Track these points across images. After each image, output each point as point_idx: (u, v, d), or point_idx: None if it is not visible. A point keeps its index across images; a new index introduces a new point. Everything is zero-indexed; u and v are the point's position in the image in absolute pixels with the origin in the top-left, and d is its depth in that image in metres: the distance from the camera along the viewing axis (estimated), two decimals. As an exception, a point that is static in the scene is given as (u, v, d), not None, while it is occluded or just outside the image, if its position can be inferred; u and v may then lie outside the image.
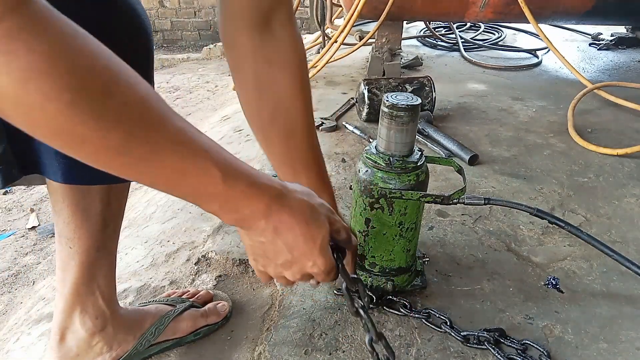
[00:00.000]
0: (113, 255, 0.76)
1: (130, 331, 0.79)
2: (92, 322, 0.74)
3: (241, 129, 2.01)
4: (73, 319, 0.73)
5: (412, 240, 0.93)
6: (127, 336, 0.79)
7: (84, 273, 0.71)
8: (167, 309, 0.86)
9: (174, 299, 0.91)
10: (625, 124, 1.93)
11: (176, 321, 0.84)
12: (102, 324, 0.75)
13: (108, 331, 0.76)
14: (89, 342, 0.75)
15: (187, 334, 0.85)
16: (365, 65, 2.76)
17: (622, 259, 0.91)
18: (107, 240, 0.72)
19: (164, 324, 0.83)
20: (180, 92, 4.34)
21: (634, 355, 0.84)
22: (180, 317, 0.85)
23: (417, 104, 0.82)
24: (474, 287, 1.00)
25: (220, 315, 0.89)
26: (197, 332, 0.86)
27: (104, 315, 0.75)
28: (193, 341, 0.86)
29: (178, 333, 0.84)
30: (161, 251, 1.15)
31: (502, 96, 2.28)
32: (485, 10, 2.27)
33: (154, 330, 0.81)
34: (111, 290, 0.76)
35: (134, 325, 0.80)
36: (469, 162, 1.54)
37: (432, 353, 0.84)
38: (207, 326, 0.87)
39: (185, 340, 0.85)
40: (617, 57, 3.09)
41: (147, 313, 0.84)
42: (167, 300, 0.90)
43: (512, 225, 1.22)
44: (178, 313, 0.85)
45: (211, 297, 0.94)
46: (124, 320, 0.79)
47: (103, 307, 0.74)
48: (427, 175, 0.88)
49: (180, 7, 7.38)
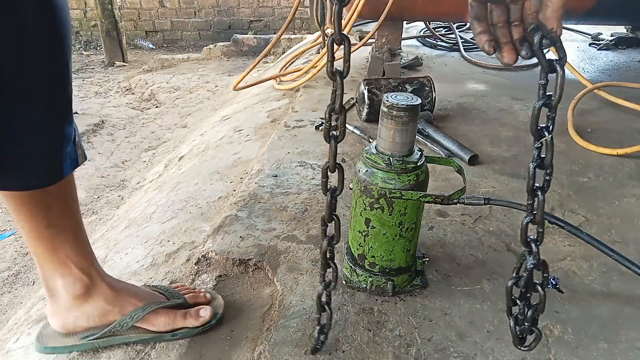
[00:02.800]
0: (73, 229, 0.80)
1: (114, 303, 0.84)
2: (71, 287, 0.81)
3: (241, 129, 2.01)
4: (56, 283, 0.81)
5: (412, 240, 0.93)
6: (111, 307, 0.84)
7: (46, 247, 0.78)
8: (159, 298, 0.89)
9: (171, 292, 0.92)
10: (625, 124, 1.93)
11: (156, 313, 0.86)
12: (82, 289, 0.82)
13: (92, 297, 0.83)
14: (74, 303, 0.82)
15: (164, 331, 0.87)
16: (365, 65, 2.76)
17: (622, 259, 0.92)
18: (56, 219, 0.77)
19: (146, 309, 0.85)
20: (180, 92, 4.33)
21: (634, 355, 0.84)
22: (160, 311, 0.87)
23: (417, 104, 0.82)
24: (474, 287, 1.00)
25: (199, 321, 0.88)
26: (175, 332, 0.87)
27: (82, 281, 0.81)
28: (172, 339, 0.87)
29: (155, 326, 0.86)
30: (161, 251, 1.16)
31: (502, 96, 2.28)
32: (485, 10, 2.27)
33: (136, 314, 0.84)
34: (84, 260, 0.82)
35: (120, 300, 0.85)
36: (469, 162, 1.54)
37: (432, 353, 0.84)
38: (184, 328, 0.87)
39: (164, 337, 0.87)
40: (617, 57, 3.09)
41: (135, 294, 0.87)
42: (164, 290, 0.92)
43: (512, 225, 1.22)
44: (163, 306, 0.87)
45: (207, 301, 0.93)
46: (110, 291, 0.84)
47: (79, 275, 0.81)
48: (427, 175, 0.88)
49: (180, 7, 7.37)
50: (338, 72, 0.61)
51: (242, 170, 1.57)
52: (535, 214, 0.61)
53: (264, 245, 1.12)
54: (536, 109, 0.57)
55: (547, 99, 0.57)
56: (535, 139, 0.59)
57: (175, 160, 2.17)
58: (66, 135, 0.74)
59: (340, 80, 0.62)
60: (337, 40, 0.60)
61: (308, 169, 1.51)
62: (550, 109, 0.58)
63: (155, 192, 1.71)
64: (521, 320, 0.67)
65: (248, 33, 7.10)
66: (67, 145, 0.74)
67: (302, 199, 1.33)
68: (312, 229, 1.19)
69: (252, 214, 1.26)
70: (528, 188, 0.60)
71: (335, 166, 0.67)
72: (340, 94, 0.63)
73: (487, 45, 0.61)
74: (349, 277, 0.99)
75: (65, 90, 0.72)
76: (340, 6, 0.58)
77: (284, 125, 1.89)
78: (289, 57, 3.20)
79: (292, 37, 5.81)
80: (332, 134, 0.66)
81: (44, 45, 0.65)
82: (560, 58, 0.56)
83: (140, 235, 1.28)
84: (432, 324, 0.90)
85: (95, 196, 2.42)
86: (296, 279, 1.01)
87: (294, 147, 1.67)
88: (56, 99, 0.71)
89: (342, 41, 0.60)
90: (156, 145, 3.14)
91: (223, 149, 1.82)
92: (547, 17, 0.57)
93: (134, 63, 6.02)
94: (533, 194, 0.60)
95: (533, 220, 0.61)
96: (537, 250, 0.62)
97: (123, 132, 3.41)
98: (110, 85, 4.83)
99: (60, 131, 0.73)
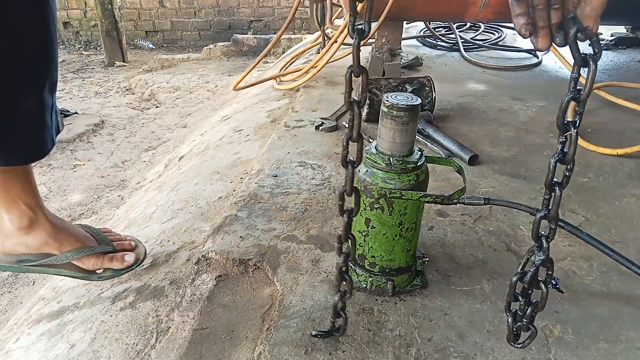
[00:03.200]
0: (24, 175, 0.90)
1: (54, 238, 0.94)
2: (17, 220, 0.91)
3: (241, 129, 2.01)
4: (4, 215, 0.91)
5: (412, 240, 0.93)
6: (51, 240, 0.93)
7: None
8: (92, 242, 0.99)
9: (102, 238, 1.02)
10: (625, 124, 1.93)
11: (88, 255, 0.97)
12: (27, 222, 0.91)
13: (35, 229, 0.92)
14: (19, 234, 0.92)
15: (91, 270, 0.98)
16: (365, 65, 2.75)
17: (622, 259, 0.92)
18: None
19: (81, 253, 0.95)
20: (180, 92, 4.34)
21: (634, 355, 0.84)
22: (93, 254, 0.97)
23: (417, 104, 0.82)
24: (474, 287, 1.00)
25: (123, 264, 0.99)
26: (102, 275, 0.99)
27: (28, 215, 0.91)
28: (99, 280, 1.00)
29: (83, 264, 0.97)
30: (161, 251, 1.16)
31: (502, 96, 2.28)
32: (485, 11, 2.27)
33: (71, 255, 0.95)
34: (32, 199, 0.92)
35: (59, 236, 0.95)
36: (469, 162, 1.54)
37: (432, 353, 0.84)
38: (111, 270, 0.99)
39: (92, 277, 0.99)
40: (617, 57, 3.09)
41: (73, 234, 0.98)
42: (97, 234, 1.02)
43: (512, 225, 1.22)
44: (95, 252, 0.97)
45: (132, 248, 1.04)
46: (51, 227, 0.94)
47: (25, 210, 0.91)
48: (427, 175, 0.88)
49: (180, 7, 7.38)
50: (355, 102, 0.62)
51: (242, 170, 1.57)
52: (550, 209, 0.60)
53: (264, 245, 1.13)
54: (564, 102, 0.57)
55: (576, 93, 0.57)
56: (561, 132, 0.59)
57: (175, 160, 2.17)
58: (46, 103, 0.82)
59: (357, 110, 0.63)
60: (355, 72, 0.60)
61: (308, 169, 1.51)
62: (578, 103, 0.57)
63: (155, 192, 1.71)
64: (519, 317, 0.67)
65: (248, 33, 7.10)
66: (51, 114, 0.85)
67: (302, 199, 1.33)
68: (312, 229, 1.19)
69: (252, 214, 1.26)
70: (546, 182, 0.60)
71: (352, 190, 0.69)
72: (358, 123, 0.64)
73: (524, 28, 0.61)
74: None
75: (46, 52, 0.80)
76: (360, 39, 0.58)
77: (284, 125, 1.89)
78: (289, 57, 3.20)
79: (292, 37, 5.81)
80: (349, 159, 0.68)
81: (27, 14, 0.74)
82: (595, 53, 0.56)
83: (140, 235, 1.28)
84: (432, 324, 0.90)
85: (95, 196, 2.42)
86: (296, 279, 1.01)
87: (294, 147, 1.67)
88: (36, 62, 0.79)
89: (360, 74, 0.61)
90: (156, 145, 3.14)
91: (223, 149, 1.82)
92: (585, 14, 0.57)
93: (134, 63, 6.02)
94: (551, 188, 0.60)
95: (547, 215, 0.61)
96: (547, 246, 0.62)
97: (123, 132, 3.42)
98: (110, 85, 4.83)
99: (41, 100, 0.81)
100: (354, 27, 0.58)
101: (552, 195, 0.60)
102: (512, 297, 0.67)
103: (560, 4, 0.60)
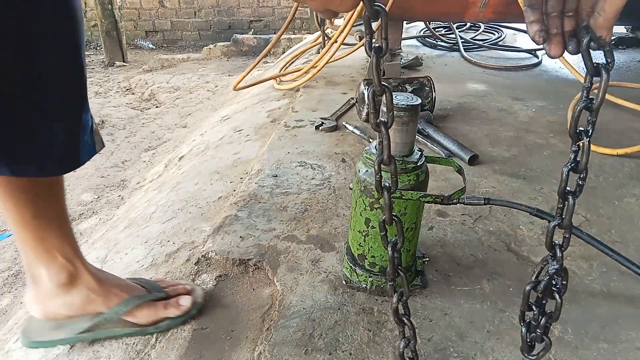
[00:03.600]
0: (59, 219, 0.81)
1: (98, 293, 0.84)
2: (56, 276, 0.81)
3: (241, 129, 2.01)
4: (40, 270, 0.81)
5: (412, 240, 0.93)
6: (95, 296, 0.84)
7: (32, 236, 0.78)
8: (140, 291, 0.89)
9: (152, 285, 0.93)
10: (625, 124, 1.93)
11: (140, 306, 0.87)
12: (67, 278, 0.82)
13: (76, 286, 0.83)
14: (57, 291, 0.82)
15: (146, 324, 0.88)
16: (365, 65, 2.76)
17: (622, 259, 0.92)
18: (42, 209, 0.78)
19: (130, 304, 0.86)
20: (180, 92, 4.34)
21: (634, 355, 0.84)
22: (143, 304, 0.87)
23: (417, 104, 0.82)
24: (474, 287, 1.00)
25: (180, 309, 0.90)
26: (158, 325, 0.88)
27: (68, 270, 0.82)
28: (156, 332, 0.88)
29: (138, 318, 0.87)
30: (161, 251, 1.16)
31: (502, 96, 2.28)
32: (485, 10, 2.27)
33: (120, 309, 0.85)
34: (69, 249, 0.82)
35: (104, 290, 0.85)
36: (469, 162, 1.54)
37: (432, 353, 0.84)
38: (167, 319, 0.89)
39: (148, 331, 0.88)
40: (617, 57, 3.09)
41: (118, 284, 0.88)
42: (145, 283, 0.93)
43: (512, 225, 1.22)
44: (146, 300, 0.88)
45: (187, 292, 0.94)
46: (94, 281, 0.85)
47: (64, 263, 0.81)
48: (427, 175, 0.88)
49: (180, 7, 7.38)
50: (383, 123, 0.59)
51: (242, 170, 1.57)
52: (564, 218, 0.60)
53: (264, 245, 1.13)
54: (577, 112, 0.57)
55: (588, 102, 0.56)
56: (573, 141, 0.59)
57: (175, 160, 2.17)
58: (83, 123, 0.75)
59: (385, 131, 0.59)
60: (378, 91, 0.57)
61: (308, 169, 1.51)
62: (591, 112, 0.57)
63: (155, 192, 1.71)
64: (533, 327, 0.66)
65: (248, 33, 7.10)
66: (84, 133, 0.76)
67: (302, 199, 1.33)
68: (312, 229, 1.19)
69: (252, 214, 1.26)
70: (559, 191, 0.59)
71: (392, 218, 0.63)
72: (387, 145, 0.60)
73: (538, 35, 0.61)
74: (349, 277, 0.99)
75: (81, 78, 0.74)
76: (378, 58, 0.55)
77: (284, 125, 1.89)
78: (289, 57, 3.20)
79: (292, 37, 5.81)
80: (384, 185, 0.62)
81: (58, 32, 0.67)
82: (608, 62, 0.56)
83: (140, 235, 1.28)
84: (432, 324, 0.90)
85: (95, 196, 2.42)
86: (296, 279, 1.01)
87: (294, 147, 1.67)
88: (72, 86, 0.73)
89: (384, 92, 0.58)
90: (156, 145, 3.14)
91: (223, 149, 1.83)
92: (598, 24, 0.57)
93: (134, 63, 6.03)
94: (564, 197, 0.59)
95: (561, 224, 0.61)
96: (561, 255, 0.61)
97: (123, 132, 3.42)
98: (110, 85, 4.83)
99: (77, 119, 0.74)
100: (371, 46, 0.56)
101: (565, 205, 0.59)
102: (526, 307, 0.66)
103: (574, 13, 0.60)
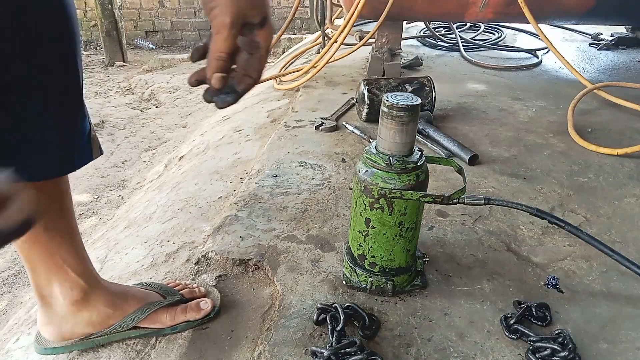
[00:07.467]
0: (69, 232, 0.79)
1: (114, 306, 0.83)
2: (69, 292, 0.79)
3: (241, 129, 2.01)
4: (52, 290, 0.79)
5: (412, 240, 0.93)
6: (111, 311, 0.83)
7: (41, 252, 0.76)
8: (156, 297, 0.89)
9: (166, 289, 0.92)
10: (625, 124, 1.93)
11: (156, 312, 0.86)
12: (80, 295, 0.80)
13: (90, 302, 0.81)
14: (71, 310, 0.80)
15: (165, 327, 0.87)
16: (365, 65, 2.75)
17: (622, 259, 0.92)
18: (52, 222, 0.75)
19: (146, 311, 0.85)
20: (180, 92, 4.34)
21: (634, 355, 0.84)
22: (160, 309, 0.87)
23: (417, 104, 0.82)
24: (474, 287, 1.00)
25: (200, 313, 0.90)
26: (175, 326, 0.88)
27: (80, 286, 0.79)
28: (171, 334, 0.88)
29: (157, 323, 0.87)
30: (161, 251, 1.16)
31: (502, 96, 2.28)
32: (485, 10, 2.27)
33: (136, 316, 0.85)
34: (80, 263, 0.80)
35: (119, 303, 0.84)
36: (469, 162, 1.54)
37: (432, 353, 0.84)
38: (186, 322, 0.89)
39: (164, 332, 0.88)
40: (617, 57, 3.09)
41: (133, 295, 0.87)
42: (159, 288, 0.92)
43: (512, 225, 1.22)
44: (163, 305, 0.87)
45: (203, 294, 0.94)
46: (108, 295, 0.83)
47: (77, 279, 0.79)
48: (427, 175, 0.88)
49: (180, 7, 7.37)
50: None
51: (242, 170, 1.57)
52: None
53: (264, 245, 1.13)
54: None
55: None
56: None
57: (175, 160, 2.17)
58: (79, 129, 0.74)
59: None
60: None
61: (308, 169, 1.51)
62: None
63: (155, 192, 1.71)
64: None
65: (248, 33, 7.08)
66: (81, 139, 0.74)
67: (302, 199, 1.33)
68: (312, 229, 1.19)
69: (252, 214, 1.26)
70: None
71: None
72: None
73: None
74: (349, 277, 0.99)
75: (77, 84, 0.73)
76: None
77: (284, 125, 1.89)
78: (289, 57, 3.19)
79: (292, 37, 5.81)
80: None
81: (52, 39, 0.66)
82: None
83: (140, 235, 1.28)
84: (432, 324, 0.90)
85: (95, 196, 2.42)
86: (296, 279, 1.01)
87: (294, 147, 1.67)
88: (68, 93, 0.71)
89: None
90: (156, 145, 3.14)
91: (223, 149, 1.82)
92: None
93: (134, 63, 6.02)
94: None
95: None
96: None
97: (123, 132, 3.42)
98: (110, 85, 4.83)
99: (72, 124, 0.73)
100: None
101: None
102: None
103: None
